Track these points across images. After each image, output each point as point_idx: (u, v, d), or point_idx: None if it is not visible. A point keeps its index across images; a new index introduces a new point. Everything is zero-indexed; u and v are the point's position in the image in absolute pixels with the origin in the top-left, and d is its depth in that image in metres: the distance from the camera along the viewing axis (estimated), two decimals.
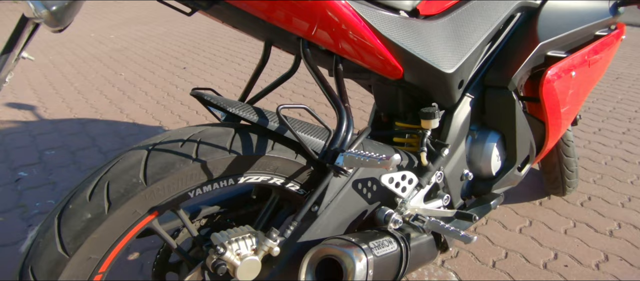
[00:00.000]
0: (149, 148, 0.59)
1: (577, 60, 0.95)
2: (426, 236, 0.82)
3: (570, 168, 1.36)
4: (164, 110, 2.48)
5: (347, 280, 0.60)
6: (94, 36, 4.71)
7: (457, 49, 0.82)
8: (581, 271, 1.23)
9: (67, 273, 0.52)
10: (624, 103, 2.56)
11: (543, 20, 0.93)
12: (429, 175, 0.83)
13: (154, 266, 0.75)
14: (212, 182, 0.63)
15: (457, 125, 0.90)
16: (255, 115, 0.65)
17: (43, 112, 2.47)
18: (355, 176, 0.74)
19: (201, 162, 0.60)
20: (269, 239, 0.63)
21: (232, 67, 3.41)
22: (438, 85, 0.83)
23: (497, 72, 0.90)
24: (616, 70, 3.27)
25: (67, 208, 0.54)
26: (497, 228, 1.42)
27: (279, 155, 0.68)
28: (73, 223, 0.53)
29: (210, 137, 0.62)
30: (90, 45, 4.21)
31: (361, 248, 0.62)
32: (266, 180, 0.69)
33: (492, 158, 0.96)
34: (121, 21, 5.80)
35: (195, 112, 2.41)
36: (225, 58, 3.68)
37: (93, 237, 0.53)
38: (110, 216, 0.54)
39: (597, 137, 2.11)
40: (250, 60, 3.63)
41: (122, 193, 0.55)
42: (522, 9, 0.94)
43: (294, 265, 0.67)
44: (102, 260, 0.56)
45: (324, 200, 0.71)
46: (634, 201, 1.56)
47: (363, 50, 0.70)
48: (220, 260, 0.60)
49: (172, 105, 2.55)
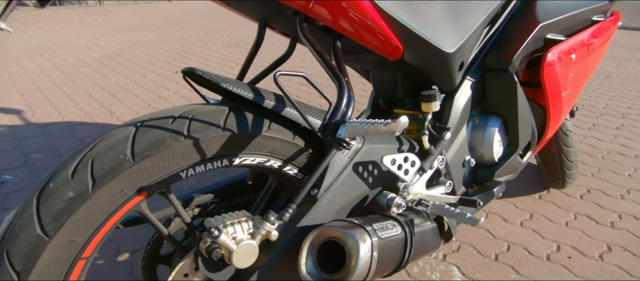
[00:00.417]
0: (137, 124, 0.55)
1: (577, 43, 0.94)
2: (430, 223, 0.79)
3: (570, 158, 1.34)
4: None
5: (351, 263, 0.57)
6: (83, 43, 4.65)
7: (457, 29, 0.80)
8: (585, 262, 1.20)
9: (46, 257, 0.48)
10: (616, 100, 2.58)
11: (541, 4, 0.92)
12: (431, 159, 0.80)
13: (143, 259, 0.71)
14: (205, 162, 0.59)
15: (458, 108, 0.87)
16: (250, 92, 0.62)
17: (30, 116, 2.40)
18: (356, 158, 0.71)
19: (193, 139, 0.56)
20: (267, 222, 0.59)
21: (224, 71, 3.38)
22: (438, 66, 0.80)
23: (497, 55, 0.88)
24: (606, 69, 3.31)
25: (48, 187, 0.49)
26: (498, 221, 1.40)
27: (276, 135, 0.65)
28: (53, 203, 0.48)
29: (202, 115, 0.59)
30: (80, 52, 4.15)
31: (365, 229, 0.58)
32: (263, 162, 0.65)
33: (494, 144, 0.93)
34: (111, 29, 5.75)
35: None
36: (217, 62, 3.65)
37: (75, 218, 0.49)
38: (94, 196, 0.49)
39: (592, 132, 2.11)
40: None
41: (107, 170, 0.50)
42: None
43: (294, 251, 0.64)
44: (85, 244, 0.51)
45: (323, 183, 0.67)
46: (633, 193, 1.55)
47: (362, 26, 0.67)
48: (214, 244, 0.56)
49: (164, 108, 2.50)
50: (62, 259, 0.49)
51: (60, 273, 0.50)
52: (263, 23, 0.78)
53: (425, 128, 0.81)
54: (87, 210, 0.49)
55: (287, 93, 0.53)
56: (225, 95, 0.67)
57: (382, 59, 0.80)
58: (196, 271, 0.60)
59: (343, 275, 0.57)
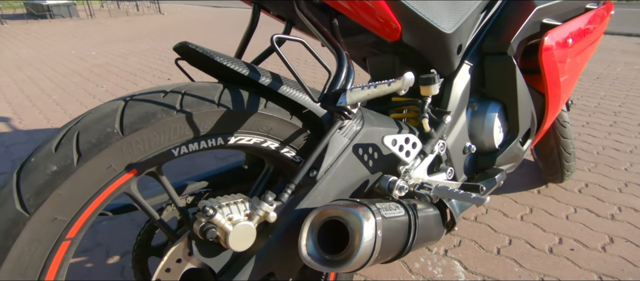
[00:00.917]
0: (127, 99, 0.52)
1: (573, 28, 0.94)
2: (433, 210, 0.77)
3: (568, 150, 1.33)
4: None
5: (354, 241, 0.53)
6: (74, 53, 4.61)
7: (454, 11, 0.79)
8: (588, 254, 1.18)
9: (26, 235, 0.44)
10: (607, 100, 2.61)
11: None
12: (432, 143, 0.78)
13: (134, 250, 0.67)
14: (199, 140, 0.56)
15: (457, 93, 0.86)
16: (245, 69, 0.59)
17: (18, 123, 2.34)
18: (356, 140, 0.68)
19: (186, 114, 0.53)
20: (265, 203, 0.56)
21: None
22: (437, 48, 0.79)
23: (495, 38, 0.87)
24: (596, 71, 3.36)
25: (29, 161, 0.46)
26: (498, 216, 1.38)
27: (273, 113, 0.62)
28: (35, 178, 0.45)
29: (196, 90, 0.56)
30: (71, 62, 4.10)
31: (368, 208, 0.56)
32: (259, 143, 0.62)
33: (495, 130, 0.92)
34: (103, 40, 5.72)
35: None
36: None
37: (59, 193, 0.45)
38: (79, 169, 0.46)
39: (586, 129, 2.12)
40: None
41: (94, 143, 0.47)
42: None
43: (293, 234, 0.60)
44: (70, 224, 0.47)
45: (323, 165, 0.65)
46: (631, 186, 1.54)
47: (361, 4, 0.66)
48: (209, 223, 0.52)
49: None
50: (44, 239, 0.45)
51: (42, 254, 0.46)
52: (258, 5, 0.76)
53: (425, 111, 0.79)
54: (71, 185, 0.46)
55: (284, 58, 0.50)
56: (220, 75, 0.65)
57: (379, 41, 0.79)
58: (190, 256, 0.56)
59: (346, 254, 0.53)
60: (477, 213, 1.40)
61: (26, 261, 0.45)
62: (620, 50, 4.26)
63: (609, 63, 3.64)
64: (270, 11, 0.79)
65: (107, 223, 1.36)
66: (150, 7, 11.12)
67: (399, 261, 1.18)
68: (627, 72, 3.31)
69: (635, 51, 4.18)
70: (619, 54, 4.06)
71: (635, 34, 5.16)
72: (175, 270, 0.56)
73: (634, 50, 4.25)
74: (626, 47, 4.42)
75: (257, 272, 0.58)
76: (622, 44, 4.61)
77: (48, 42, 5.58)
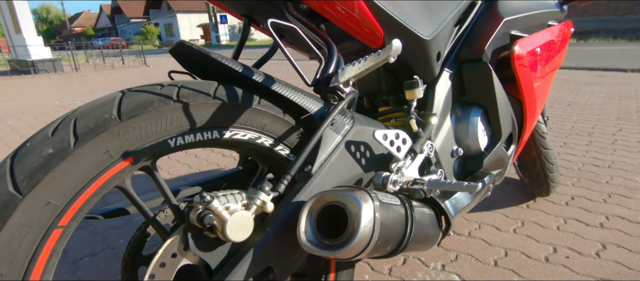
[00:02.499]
0: (124, 91, 0.53)
1: (539, 38, 1.02)
2: (428, 209, 0.77)
3: (550, 160, 1.38)
4: None
5: (353, 224, 0.53)
6: (58, 103, 4.58)
7: (431, 21, 0.85)
8: (583, 260, 1.18)
9: (18, 218, 0.42)
10: (580, 123, 2.74)
11: (502, 5, 1.01)
12: (421, 142, 0.80)
13: (123, 258, 0.64)
14: (195, 132, 0.56)
15: (440, 97, 0.90)
16: (239, 67, 0.62)
17: None
18: (348, 137, 0.70)
19: (182, 104, 0.54)
20: (262, 192, 0.56)
21: None
22: (418, 54, 0.84)
23: (469, 48, 0.94)
24: (566, 99, 3.56)
25: (24, 146, 0.45)
26: (492, 231, 1.38)
27: (267, 110, 0.64)
28: (30, 160, 0.44)
29: (192, 84, 0.57)
30: (54, 110, 4.07)
31: (366, 191, 0.56)
32: (254, 139, 0.63)
33: (479, 134, 0.95)
34: (87, 90, 5.74)
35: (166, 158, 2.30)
36: None
37: (54, 175, 0.44)
38: (76, 152, 0.45)
39: (565, 149, 2.20)
40: None
41: (91, 127, 0.47)
42: None
43: (291, 228, 0.59)
44: (63, 210, 0.45)
45: (317, 160, 0.65)
46: (614, 197, 1.59)
47: (346, 9, 0.71)
48: (207, 210, 0.51)
49: None
50: (36, 224, 0.43)
51: (33, 240, 0.43)
52: (248, 19, 0.81)
53: (412, 114, 0.83)
54: (67, 168, 0.45)
55: (279, 42, 0.53)
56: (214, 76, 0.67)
57: (364, 48, 0.84)
58: (185, 251, 0.54)
59: (346, 237, 0.53)
60: (471, 229, 1.40)
61: (16, 247, 0.43)
62: (585, 81, 4.56)
63: (576, 92, 3.88)
64: (260, 24, 0.83)
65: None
66: (136, 60, 11.35)
67: (397, 276, 1.14)
68: (594, 99, 3.52)
69: (598, 82, 4.48)
70: (584, 84, 4.34)
71: (596, 67, 5.56)
72: (170, 265, 0.54)
73: (597, 81, 4.57)
74: (590, 79, 4.74)
75: (255, 267, 0.56)
76: (586, 76, 4.95)
77: (31, 95, 5.55)
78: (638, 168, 1.88)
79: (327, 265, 0.76)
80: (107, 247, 1.37)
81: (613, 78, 4.72)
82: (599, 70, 5.40)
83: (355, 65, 0.51)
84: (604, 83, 4.35)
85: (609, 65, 5.64)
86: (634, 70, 5.18)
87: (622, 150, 2.14)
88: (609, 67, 5.53)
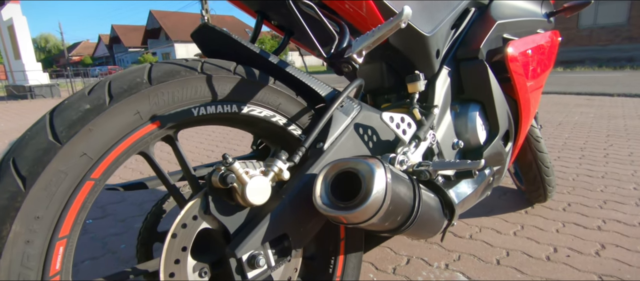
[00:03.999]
0: (152, 63, 0.57)
1: (529, 41, 1.09)
2: (432, 194, 0.80)
3: (546, 163, 1.42)
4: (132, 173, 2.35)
5: (367, 187, 0.56)
6: None
7: (431, 19, 0.92)
8: (584, 259, 1.20)
9: (55, 165, 0.44)
10: (572, 139, 2.82)
11: (494, 10, 1.09)
12: (424, 129, 0.84)
13: (140, 233, 0.65)
14: (216, 103, 0.60)
15: (440, 92, 0.95)
16: (257, 49, 0.67)
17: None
18: (356, 119, 0.74)
19: (206, 75, 0.58)
20: (279, 160, 0.59)
21: (204, 142, 3.40)
22: (419, 49, 0.90)
23: (466, 47, 1.01)
24: (557, 119, 3.67)
25: (62, 104, 0.48)
26: (492, 234, 1.39)
27: (282, 89, 0.68)
28: (68, 113, 0.46)
29: (214, 61, 0.62)
30: None
31: (378, 158, 0.59)
32: (269, 117, 0.67)
33: (477, 128, 1.00)
34: None
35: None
36: (195, 131, 3.69)
37: (89, 129, 0.47)
38: (110, 109, 0.48)
39: (559, 162, 2.26)
40: (222, 129, 3.66)
41: (125, 89, 0.50)
42: (474, 4, 1.10)
43: (305, 198, 0.62)
44: (96, 163, 0.48)
45: (328, 138, 0.69)
46: (609, 203, 1.62)
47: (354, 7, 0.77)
48: (228, 170, 0.54)
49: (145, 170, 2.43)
50: (71, 172, 0.45)
51: (67, 188, 0.45)
52: (261, 15, 0.87)
53: (414, 104, 0.87)
54: (101, 123, 0.48)
55: (298, 14, 0.58)
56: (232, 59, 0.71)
57: None
58: (206, 214, 0.56)
59: (359, 199, 0.55)
60: (472, 232, 1.41)
61: (52, 192, 0.45)
62: (574, 104, 4.71)
63: (566, 113, 3.99)
64: (272, 21, 0.89)
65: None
66: None
67: (402, 274, 1.15)
68: (584, 119, 3.63)
69: (586, 104, 4.63)
70: (573, 106, 4.48)
71: (583, 92, 5.76)
72: (191, 226, 0.55)
73: (585, 103, 4.72)
74: (578, 101, 4.90)
75: (271, 232, 0.58)
76: (575, 100, 5.11)
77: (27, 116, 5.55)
78: (631, 178, 1.93)
79: (336, 247, 0.78)
80: (108, 251, 1.36)
81: (600, 101, 4.88)
82: (587, 95, 5.59)
83: (368, 36, 0.55)
84: (593, 106, 4.49)
85: (595, 91, 5.84)
86: (620, 94, 5.37)
87: (614, 162, 2.20)
88: (596, 91, 5.73)
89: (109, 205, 1.78)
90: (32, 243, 0.43)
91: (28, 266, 0.43)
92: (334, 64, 0.59)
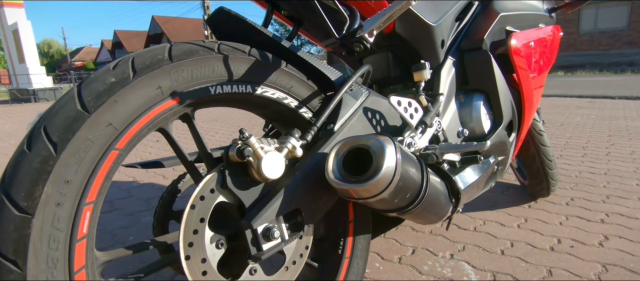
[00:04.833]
0: (172, 43, 0.59)
1: (532, 34, 1.12)
2: (439, 178, 0.82)
3: (549, 156, 1.44)
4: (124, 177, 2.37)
5: (378, 161, 0.58)
6: None
7: (436, 10, 0.95)
8: (588, 249, 1.21)
9: (84, 133, 0.46)
10: (574, 139, 2.84)
11: (497, 3, 1.11)
12: (430, 115, 0.86)
13: (156, 211, 0.67)
14: (232, 83, 0.62)
15: (445, 81, 0.98)
16: (270, 33, 0.69)
17: None
18: (365, 103, 0.76)
19: (223, 56, 0.61)
20: (292, 137, 0.61)
21: (208, 137, 3.43)
22: (424, 38, 0.92)
23: (470, 38, 1.03)
24: (558, 120, 3.69)
25: (89, 77, 0.50)
26: (496, 226, 1.41)
27: (293, 72, 0.70)
28: (95, 86, 0.49)
29: (229, 43, 0.64)
30: None
31: (388, 136, 0.61)
32: (281, 99, 0.69)
33: (482, 117, 1.02)
34: None
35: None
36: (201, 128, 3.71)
37: (115, 100, 0.49)
38: (134, 82, 0.51)
39: (562, 159, 2.27)
40: (224, 132, 3.69)
41: (147, 64, 0.53)
42: None
43: (318, 174, 0.64)
44: (121, 134, 0.50)
45: (338, 120, 0.71)
46: (612, 198, 1.64)
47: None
48: (245, 145, 0.56)
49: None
50: (97, 140, 0.48)
51: (94, 156, 0.48)
52: (271, 6, 0.89)
53: (420, 92, 0.90)
54: (126, 95, 0.50)
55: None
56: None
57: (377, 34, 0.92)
58: (223, 188, 0.58)
59: (370, 173, 0.57)
60: (476, 225, 1.43)
61: (81, 158, 0.47)
62: (575, 106, 4.73)
63: (568, 115, 4.01)
64: (282, 12, 0.92)
65: None
66: None
67: (407, 264, 1.16)
68: (586, 120, 3.65)
69: (588, 106, 4.65)
70: (574, 108, 4.50)
71: (584, 95, 5.79)
72: (208, 199, 0.57)
73: (586, 105, 4.74)
74: (579, 104, 4.92)
75: (285, 206, 0.60)
76: (576, 102, 5.14)
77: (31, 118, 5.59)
78: (633, 175, 1.94)
79: (345, 228, 0.80)
80: (117, 243, 1.37)
81: (601, 103, 4.90)
82: (588, 97, 5.61)
83: (379, 15, 0.58)
84: (594, 108, 4.51)
85: (596, 93, 5.86)
86: (621, 97, 5.39)
87: (616, 160, 2.22)
88: (597, 94, 5.75)
89: (117, 200, 1.80)
90: (62, 206, 0.45)
91: (58, 228, 0.45)
92: (345, 44, 0.61)
